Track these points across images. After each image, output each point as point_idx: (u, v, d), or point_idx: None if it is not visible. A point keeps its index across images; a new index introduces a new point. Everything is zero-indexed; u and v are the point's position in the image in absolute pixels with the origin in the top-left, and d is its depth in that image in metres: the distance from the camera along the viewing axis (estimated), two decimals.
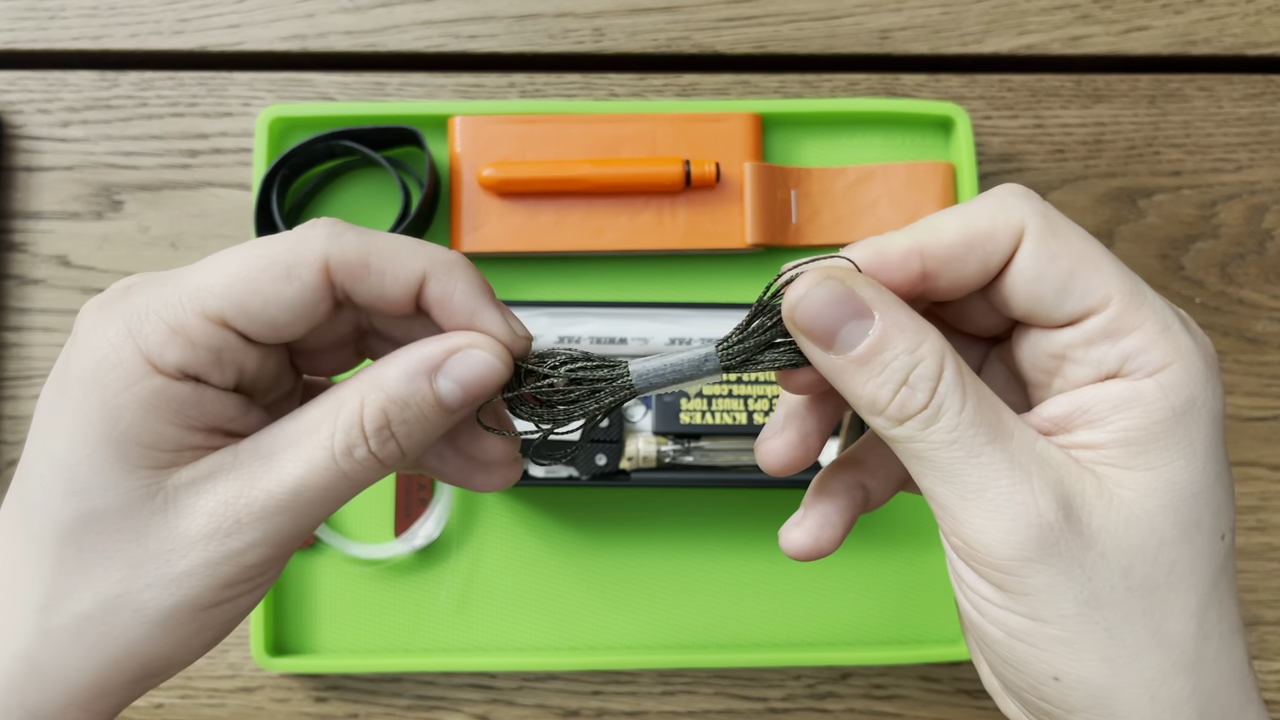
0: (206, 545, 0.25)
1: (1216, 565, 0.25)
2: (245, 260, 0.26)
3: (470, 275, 0.27)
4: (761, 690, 0.53)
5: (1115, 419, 0.25)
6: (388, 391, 0.26)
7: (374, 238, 0.26)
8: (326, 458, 0.26)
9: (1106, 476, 0.25)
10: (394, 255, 0.26)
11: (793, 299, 0.26)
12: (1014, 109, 0.57)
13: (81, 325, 0.26)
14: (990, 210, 0.26)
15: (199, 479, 0.26)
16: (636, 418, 0.52)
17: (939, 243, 0.26)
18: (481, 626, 0.53)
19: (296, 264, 0.25)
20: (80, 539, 0.25)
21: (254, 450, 0.26)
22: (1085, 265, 0.26)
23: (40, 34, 0.57)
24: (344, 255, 0.26)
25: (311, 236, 0.26)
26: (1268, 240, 0.57)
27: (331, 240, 0.26)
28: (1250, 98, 0.58)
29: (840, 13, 0.58)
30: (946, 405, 0.25)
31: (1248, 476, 0.55)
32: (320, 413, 0.26)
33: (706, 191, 0.54)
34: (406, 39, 0.57)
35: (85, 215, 0.55)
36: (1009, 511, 0.25)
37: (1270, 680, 0.54)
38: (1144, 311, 0.25)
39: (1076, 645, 0.25)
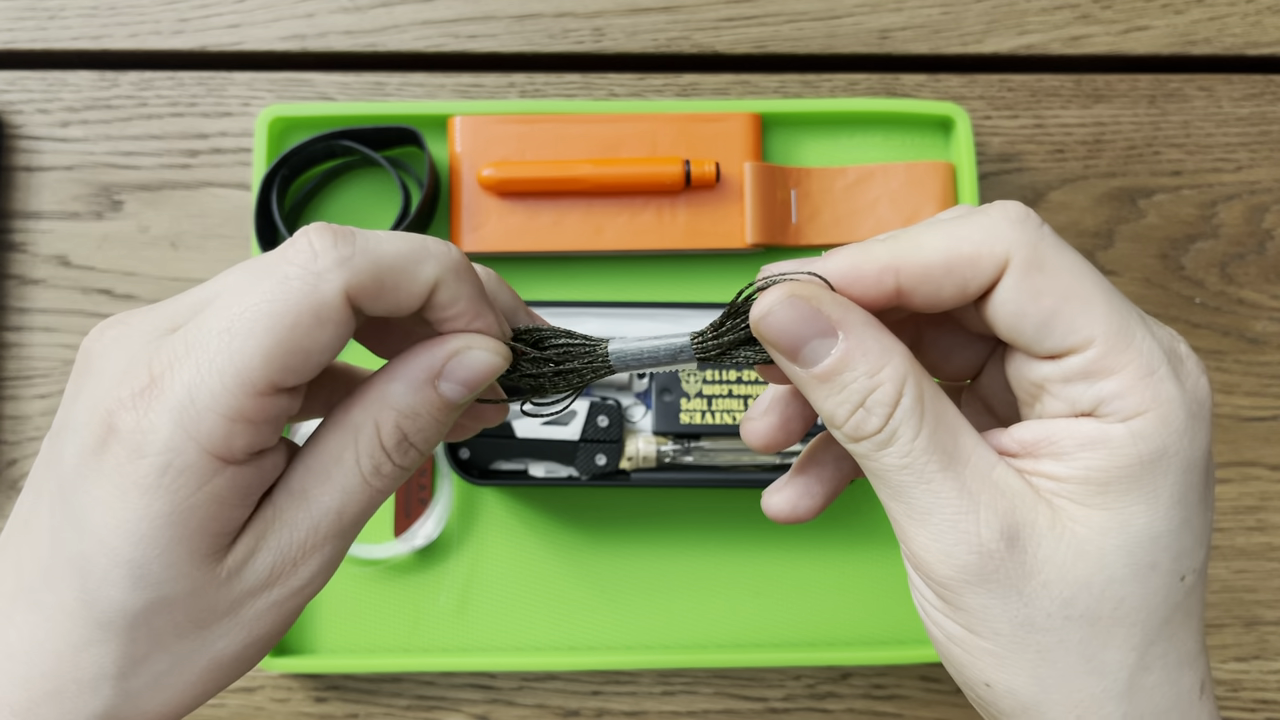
0: (270, 592, 0.26)
1: (1172, 604, 0.26)
2: (270, 315, 0.24)
3: (474, 280, 0.27)
4: (761, 690, 0.53)
5: (1080, 456, 0.25)
6: (398, 408, 0.27)
7: (381, 252, 0.26)
8: (359, 483, 0.27)
9: (1062, 510, 0.25)
10: (404, 269, 0.26)
11: (759, 312, 0.26)
12: (1014, 109, 0.57)
13: (120, 422, 0.24)
14: (978, 235, 0.26)
15: (252, 546, 0.26)
16: (636, 418, 0.52)
17: (917, 261, 0.26)
18: (481, 626, 0.53)
19: (323, 306, 0.25)
20: (152, 621, 0.25)
21: (288, 496, 0.26)
22: (1072, 303, 0.25)
23: (40, 34, 0.57)
24: (360, 282, 0.25)
25: (325, 270, 0.25)
26: (1268, 240, 0.57)
27: (345, 269, 0.25)
28: (1250, 98, 0.58)
29: (840, 12, 0.58)
30: (901, 432, 0.26)
31: (1248, 476, 0.55)
32: (338, 442, 0.27)
33: (706, 191, 0.53)
34: (406, 39, 0.57)
35: (85, 215, 0.55)
36: (951, 537, 0.25)
37: (1271, 680, 0.54)
38: (1128, 355, 0.25)
39: (1007, 660, 0.26)
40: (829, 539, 0.54)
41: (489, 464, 0.51)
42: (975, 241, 0.26)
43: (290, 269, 0.25)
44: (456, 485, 0.53)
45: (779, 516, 0.30)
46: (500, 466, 0.51)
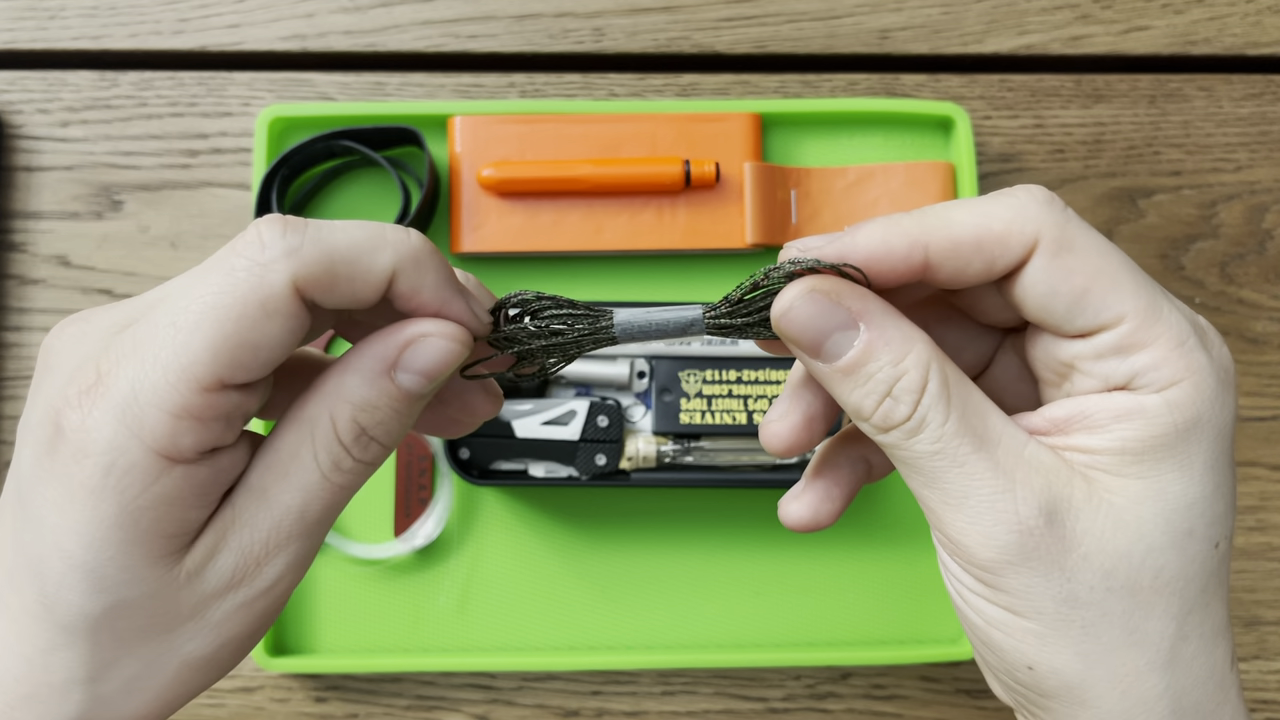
0: (236, 592, 0.26)
1: (1208, 571, 0.26)
2: (216, 307, 0.24)
3: (437, 266, 0.26)
4: (761, 690, 0.53)
5: (1115, 427, 0.26)
6: (353, 401, 0.26)
7: (333, 242, 0.25)
8: (318, 479, 0.26)
9: (1098, 481, 0.26)
10: (358, 259, 0.25)
11: (780, 309, 0.26)
12: (1014, 109, 0.57)
13: (66, 421, 0.24)
14: (1008, 214, 0.26)
15: (212, 546, 0.25)
16: (636, 418, 0.52)
17: (946, 236, 0.26)
18: (481, 626, 0.53)
19: (270, 298, 0.24)
20: (114, 624, 0.25)
21: (248, 494, 0.26)
22: (1101, 281, 0.25)
23: (40, 34, 0.57)
24: (310, 273, 0.24)
25: (272, 261, 0.24)
26: (1268, 240, 0.57)
27: (294, 259, 0.24)
28: (1250, 98, 0.58)
29: (840, 12, 0.58)
30: (930, 418, 0.26)
31: (1248, 476, 0.55)
32: (295, 438, 0.26)
33: (706, 191, 0.53)
34: (406, 39, 0.57)
35: (85, 215, 0.55)
36: (990, 518, 0.25)
37: (1270, 680, 0.54)
38: (1159, 328, 0.25)
39: (1051, 639, 0.26)
40: (829, 539, 0.54)
41: (489, 464, 0.51)
42: (1005, 220, 0.26)
43: (237, 261, 0.24)
44: (456, 485, 0.53)
45: (800, 525, 0.30)
46: (500, 466, 0.51)
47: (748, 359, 0.52)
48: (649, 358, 0.52)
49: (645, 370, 0.52)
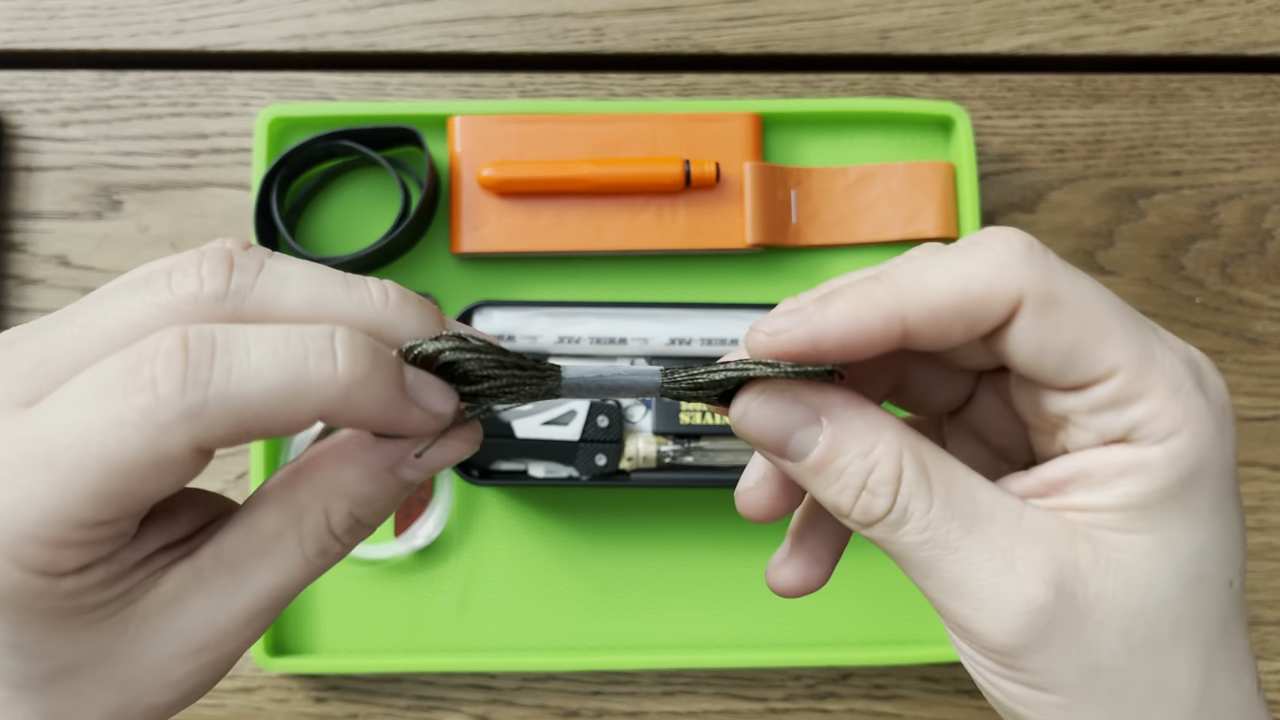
0: (199, 656, 0.24)
1: (1225, 611, 0.25)
2: (100, 460, 0.21)
3: (377, 393, 0.23)
4: (762, 690, 0.53)
5: (1117, 484, 0.24)
6: (353, 496, 0.24)
7: (244, 399, 0.21)
8: (300, 562, 0.24)
9: (1103, 540, 0.24)
10: (272, 414, 0.21)
11: (736, 415, 0.25)
12: (1014, 109, 0.57)
13: None
14: (987, 271, 0.24)
15: (166, 603, 0.24)
16: (636, 418, 0.52)
17: (925, 304, 0.24)
18: (481, 626, 0.53)
19: (164, 460, 0.21)
20: (64, 682, 0.24)
21: (217, 564, 0.24)
22: (1091, 334, 0.24)
23: (40, 34, 0.57)
24: (214, 435, 0.21)
25: (169, 423, 0.21)
26: (1268, 240, 0.57)
27: (194, 424, 0.21)
28: (1250, 97, 0.58)
29: (840, 12, 0.58)
30: (912, 507, 0.24)
31: (1248, 476, 0.55)
32: (279, 521, 0.24)
33: (706, 191, 0.53)
34: (406, 39, 0.57)
35: (85, 215, 0.55)
36: (995, 602, 0.24)
37: (1270, 680, 0.54)
38: (1153, 376, 0.24)
39: (1080, 710, 0.25)
40: None
41: (489, 464, 0.51)
42: (984, 280, 0.24)
43: (129, 411, 0.21)
44: (456, 485, 0.53)
45: (791, 591, 0.29)
46: (500, 466, 0.51)
47: None
48: (649, 358, 0.52)
49: None
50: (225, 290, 0.22)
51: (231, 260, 0.23)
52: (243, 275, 0.23)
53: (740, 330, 0.52)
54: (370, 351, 0.22)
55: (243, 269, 0.23)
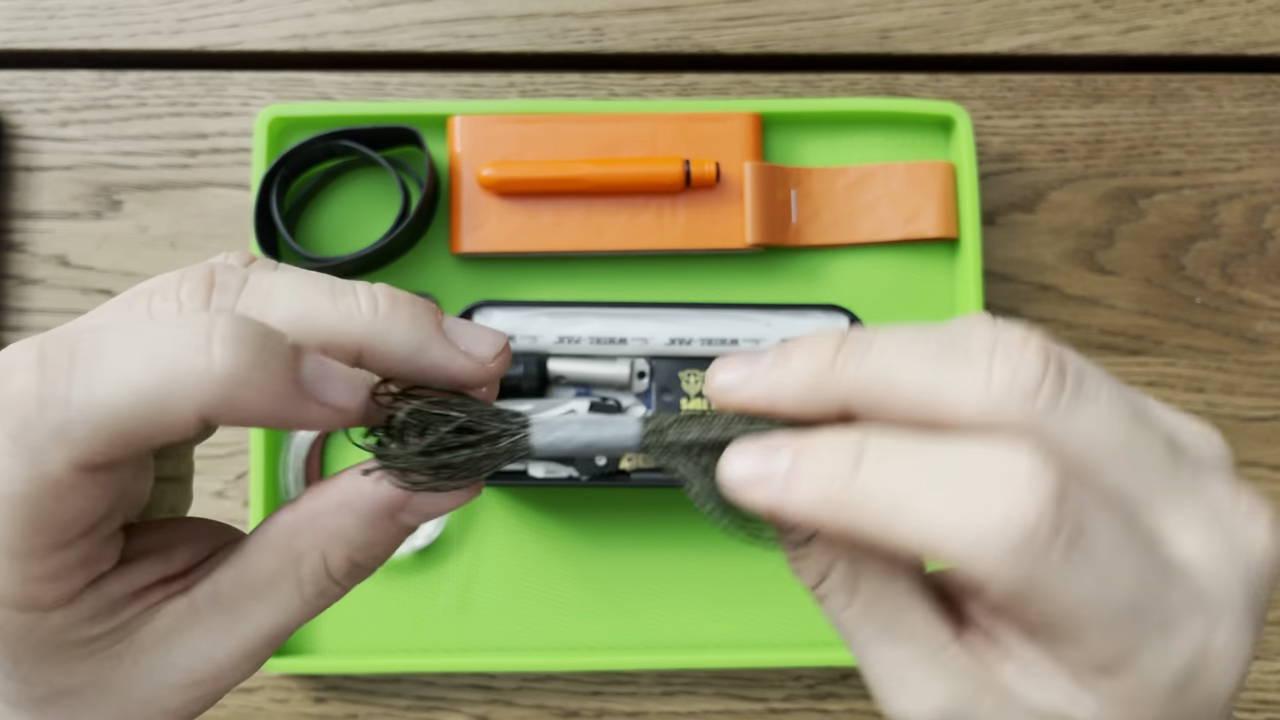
0: (195, 688, 0.24)
1: None
2: (6, 496, 0.20)
3: (278, 363, 0.21)
4: (762, 691, 0.53)
5: (1042, 691, 0.23)
6: (351, 542, 0.24)
7: (109, 405, 0.20)
8: (298, 604, 0.24)
9: (1011, 703, 0.23)
10: (146, 419, 0.20)
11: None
12: (1014, 109, 0.57)
13: None
14: (977, 518, 0.20)
15: (161, 637, 0.23)
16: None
17: (889, 409, 0.22)
18: (481, 626, 0.53)
19: (54, 485, 0.20)
20: (62, 704, 0.23)
21: (214, 603, 0.24)
22: (1058, 639, 0.21)
23: (39, 33, 0.57)
24: (92, 451, 0.20)
25: (39, 447, 0.20)
26: (1268, 240, 0.57)
27: (64, 442, 0.20)
28: (1251, 97, 0.58)
29: (840, 12, 0.58)
30: (831, 598, 0.24)
31: (1248, 477, 0.55)
32: (276, 565, 0.24)
33: (706, 191, 0.53)
34: (406, 38, 0.57)
35: (84, 215, 0.55)
36: (886, 704, 0.24)
37: (1271, 680, 0.54)
38: (1121, 680, 0.21)
39: None
40: None
41: None
42: (965, 528, 0.20)
43: (2, 439, 0.20)
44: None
45: None
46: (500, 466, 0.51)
47: None
48: (649, 358, 0.52)
49: (645, 370, 0.52)
50: (43, 417, 0.20)
51: (212, 280, 0.22)
52: (223, 295, 0.22)
53: (740, 330, 0.52)
54: (255, 341, 0.20)
55: (223, 288, 0.22)
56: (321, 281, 0.23)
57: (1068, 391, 0.21)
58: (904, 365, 0.22)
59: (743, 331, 0.52)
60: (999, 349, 0.22)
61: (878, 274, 0.55)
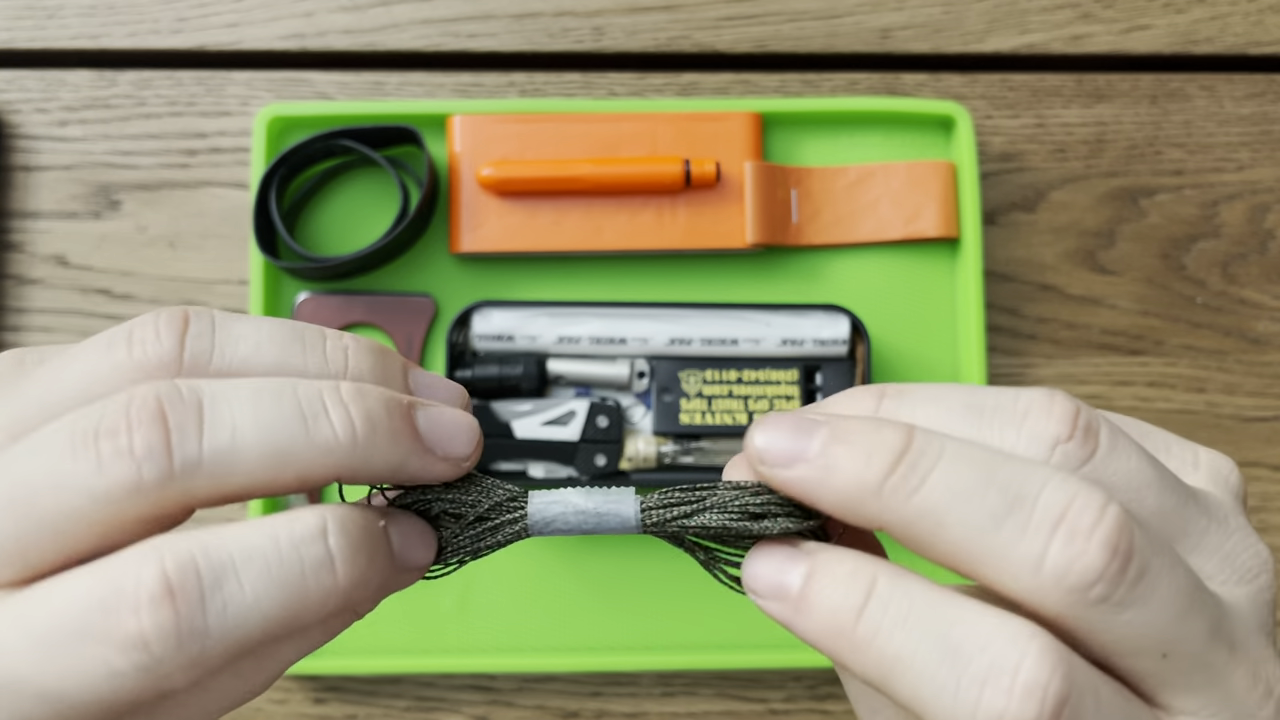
0: (224, 712, 0.24)
1: None
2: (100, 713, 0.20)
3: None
4: (762, 691, 0.53)
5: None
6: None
7: (246, 632, 0.20)
8: (321, 638, 0.24)
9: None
10: (277, 635, 0.21)
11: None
12: (1015, 108, 0.57)
13: None
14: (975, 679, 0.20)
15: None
16: (636, 418, 0.51)
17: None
18: (481, 627, 0.53)
19: (163, 696, 0.20)
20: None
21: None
22: None
23: (38, 33, 0.56)
24: (215, 670, 0.20)
25: (170, 675, 0.20)
26: (1269, 240, 0.57)
27: (195, 670, 0.20)
28: (1252, 97, 0.57)
29: (841, 11, 0.58)
30: None
31: (1249, 477, 0.55)
32: None
33: (706, 191, 0.53)
34: (405, 38, 0.57)
35: (83, 215, 0.55)
36: None
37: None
38: None
39: None
40: None
41: (489, 464, 0.51)
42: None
43: (124, 665, 0.20)
44: None
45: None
46: (500, 467, 0.51)
47: (748, 359, 0.52)
48: (649, 358, 0.52)
49: (645, 370, 0.52)
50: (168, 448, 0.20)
51: (164, 417, 0.20)
52: (183, 440, 0.20)
53: (740, 330, 0.52)
54: (368, 544, 0.21)
55: (181, 431, 0.20)
56: (285, 399, 0.21)
57: (1124, 587, 0.20)
58: (957, 515, 0.20)
59: (743, 331, 0.52)
60: (1064, 525, 0.20)
61: (878, 274, 0.55)
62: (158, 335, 0.22)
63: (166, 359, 0.22)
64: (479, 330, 0.51)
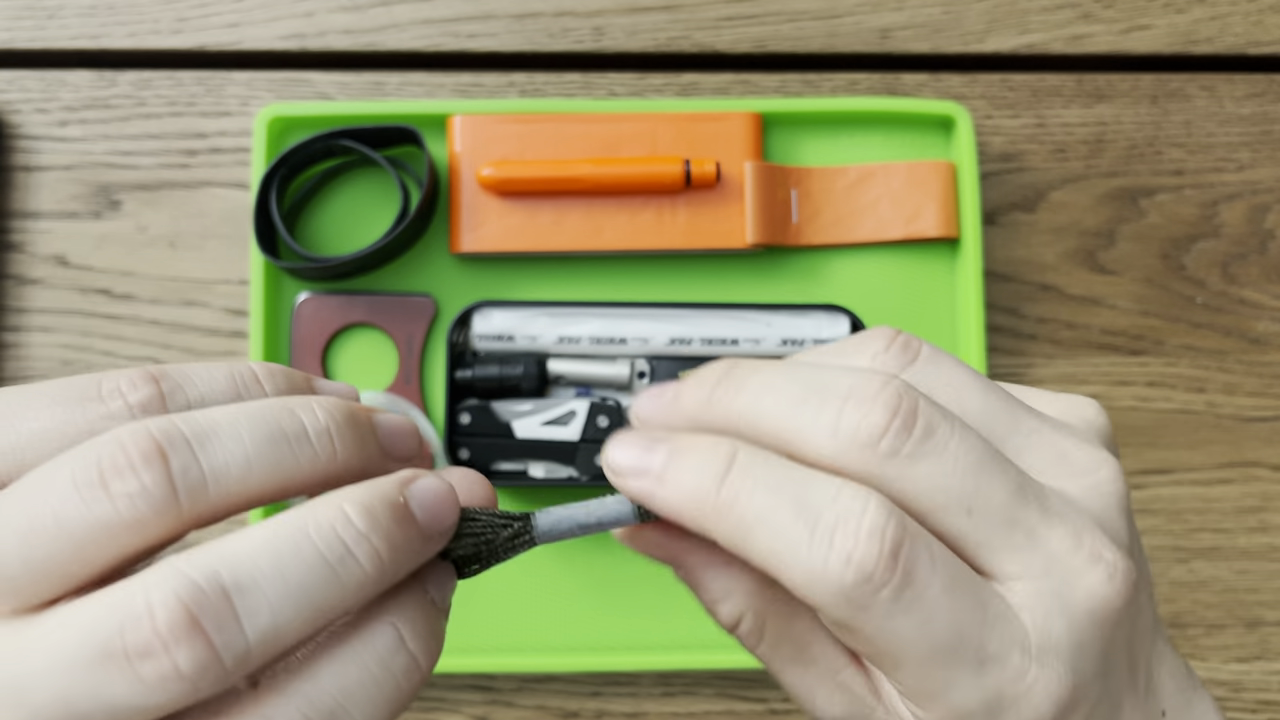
0: None
1: None
2: None
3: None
4: (762, 691, 0.53)
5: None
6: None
7: None
8: None
9: (895, 715, 0.25)
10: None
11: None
12: (1015, 108, 0.57)
13: None
14: (801, 565, 0.22)
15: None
16: None
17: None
18: (481, 627, 0.53)
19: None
20: None
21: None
22: (882, 663, 0.23)
23: (38, 33, 0.56)
24: None
25: None
26: (1269, 240, 0.57)
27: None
28: (1252, 97, 0.57)
29: (841, 11, 0.58)
30: (746, 640, 0.26)
31: (1249, 477, 0.55)
32: None
33: (706, 191, 0.53)
34: (405, 38, 0.57)
35: (83, 215, 0.55)
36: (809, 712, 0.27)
37: (1273, 681, 0.54)
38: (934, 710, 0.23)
39: None
40: None
41: (489, 464, 0.51)
42: (808, 583, 0.22)
43: None
44: None
45: None
46: (500, 467, 0.51)
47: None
48: (649, 358, 0.52)
49: (645, 370, 0.52)
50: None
51: (164, 456, 0.20)
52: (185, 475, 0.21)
53: (740, 330, 0.52)
54: (436, 634, 0.24)
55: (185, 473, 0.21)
56: (307, 552, 0.21)
57: (912, 441, 0.22)
58: (769, 404, 0.23)
59: (743, 331, 0.52)
60: (852, 397, 0.23)
61: (878, 274, 0.55)
62: (144, 488, 0.20)
63: (162, 509, 0.21)
64: (479, 330, 0.51)
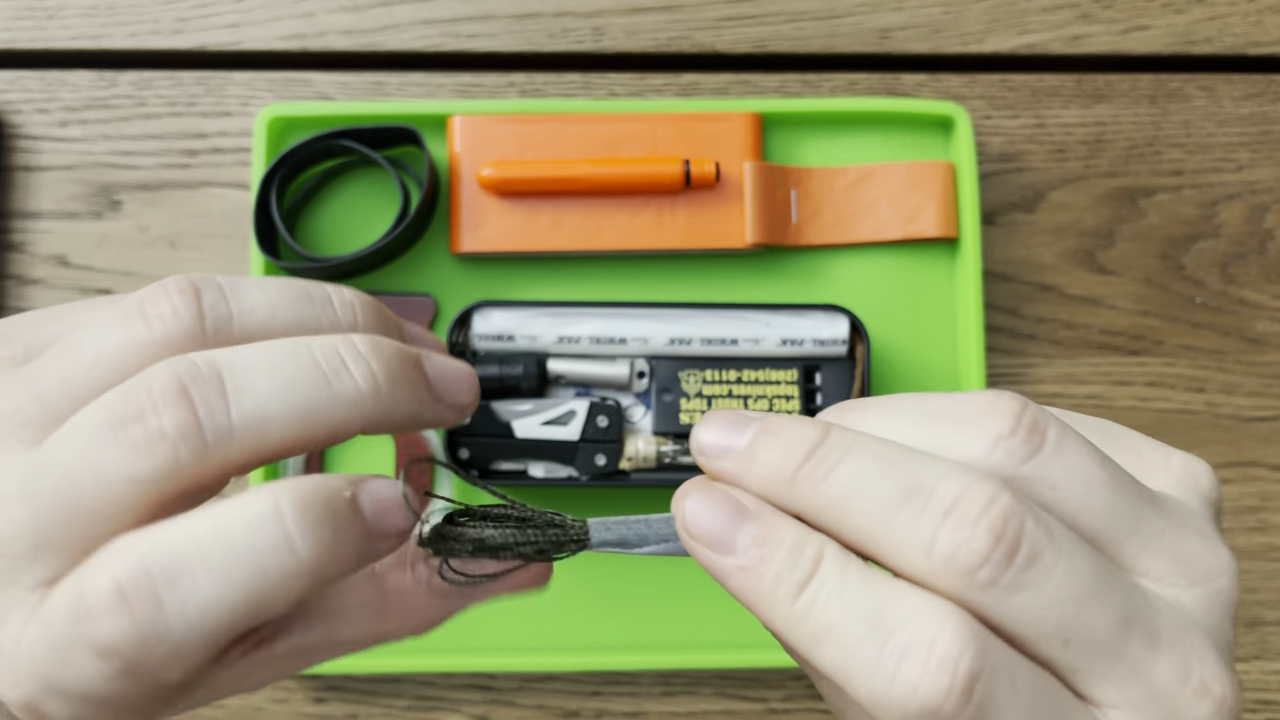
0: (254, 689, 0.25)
1: None
2: None
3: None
4: (762, 691, 0.53)
5: None
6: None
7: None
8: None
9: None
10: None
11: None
12: (1014, 108, 0.57)
13: None
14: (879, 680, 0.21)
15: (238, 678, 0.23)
16: (636, 418, 0.51)
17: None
18: (481, 626, 0.53)
19: None
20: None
21: (294, 653, 0.24)
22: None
23: (39, 33, 0.56)
24: None
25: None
26: (1269, 240, 0.57)
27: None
28: (1251, 97, 0.58)
29: (840, 12, 0.58)
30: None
31: (1249, 477, 0.55)
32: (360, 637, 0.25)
33: (706, 191, 0.53)
34: (406, 38, 0.57)
35: (84, 215, 0.55)
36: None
37: (1272, 681, 0.54)
38: None
39: None
40: None
41: (489, 464, 0.51)
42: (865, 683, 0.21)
43: None
44: (456, 486, 0.53)
45: None
46: (500, 466, 0.51)
47: (747, 359, 0.52)
48: (649, 358, 0.52)
49: (645, 370, 0.52)
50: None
51: (187, 394, 0.21)
52: (210, 414, 0.21)
53: (740, 330, 0.52)
54: (327, 515, 0.21)
55: (207, 403, 0.21)
56: (304, 359, 0.22)
57: (1012, 571, 0.21)
58: (859, 503, 0.22)
59: (743, 331, 0.52)
60: (953, 513, 0.21)
61: (878, 274, 0.55)
62: (175, 310, 0.22)
63: (189, 331, 0.22)
64: (479, 330, 0.51)
